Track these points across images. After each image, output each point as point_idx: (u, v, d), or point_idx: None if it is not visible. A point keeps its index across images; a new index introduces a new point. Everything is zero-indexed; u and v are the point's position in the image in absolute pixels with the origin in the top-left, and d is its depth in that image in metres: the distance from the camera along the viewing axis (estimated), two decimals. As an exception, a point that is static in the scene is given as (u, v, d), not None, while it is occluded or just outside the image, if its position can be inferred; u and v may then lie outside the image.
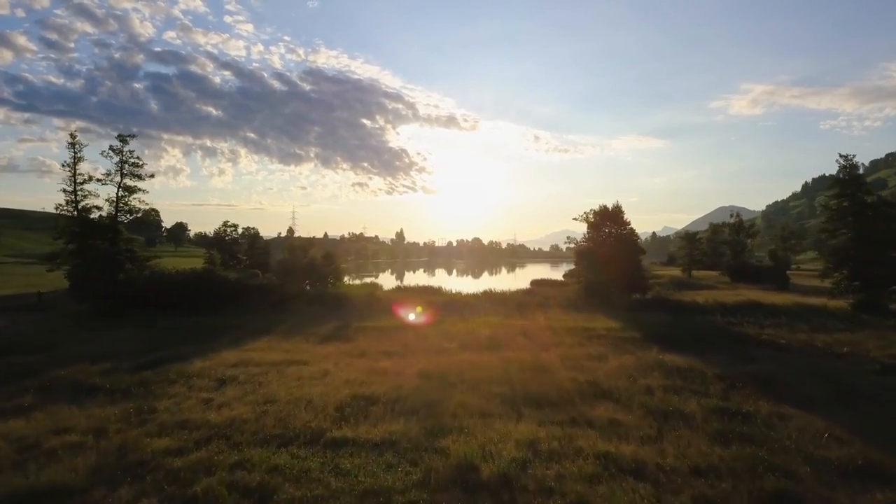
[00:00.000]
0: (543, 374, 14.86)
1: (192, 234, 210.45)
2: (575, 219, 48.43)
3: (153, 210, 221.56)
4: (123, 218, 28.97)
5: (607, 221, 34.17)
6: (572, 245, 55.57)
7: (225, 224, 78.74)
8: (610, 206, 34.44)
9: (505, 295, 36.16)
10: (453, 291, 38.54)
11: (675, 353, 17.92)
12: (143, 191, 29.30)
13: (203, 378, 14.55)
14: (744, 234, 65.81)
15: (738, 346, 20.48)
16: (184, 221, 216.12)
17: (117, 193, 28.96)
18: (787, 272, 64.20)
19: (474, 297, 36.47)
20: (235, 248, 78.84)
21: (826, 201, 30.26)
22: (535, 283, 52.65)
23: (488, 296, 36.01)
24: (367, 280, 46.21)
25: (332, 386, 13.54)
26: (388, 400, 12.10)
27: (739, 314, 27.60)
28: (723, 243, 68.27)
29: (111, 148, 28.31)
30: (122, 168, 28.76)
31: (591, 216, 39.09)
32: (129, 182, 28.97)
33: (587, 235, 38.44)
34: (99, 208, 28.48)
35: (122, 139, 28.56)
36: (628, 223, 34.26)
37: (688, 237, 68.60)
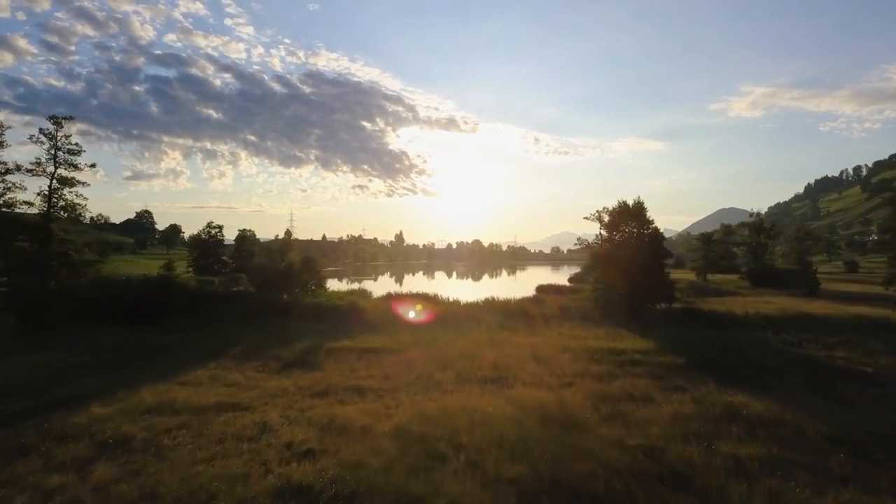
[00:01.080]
0: (575, 432, 10.32)
1: (186, 236, 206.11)
2: (586, 218, 43.74)
3: (146, 212, 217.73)
4: (58, 215, 24.37)
5: (628, 220, 29.61)
6: (580, 247, 51.08)
7: (209, 225, 74.20)
8: (630, 202, 29.92)
9: (509, 304, 31.62)
10: (450, 300, 33.97)
11: (741, 391, 13.46)
12: (82, 183, 24.71)
13: (80, 440, 10.02)
14: (764, 235, 61.10)
15: (813, 376, 15.96)
16: (178, 223, 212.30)
17: (50, 186, 24.36)
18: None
19: (475, 306, 31.91)
20: (221, 251, 74.40)
21: (893, 195, 25.75)
22: (540, 289, 48.00)
23: (490, 305, 31.47)
24: (359, 286, 41.53)
25: (261, 458, 9.03)
26: (335, 496, 7.57)
27: (793, 329, 23.08)
28: (740, 245, 63.52)
29: (42, 131, 23.71)
30: (55, 156, 24.18)
31: (607, 214, 34.66)
32: (63, 173, 24.37)
33: (603, 236, 33.89)
34: (30, 203, 23.89)
35: (56, 121, 23.97)
36: (651, 221, 29.73)
37: (703, 238, 63.78)
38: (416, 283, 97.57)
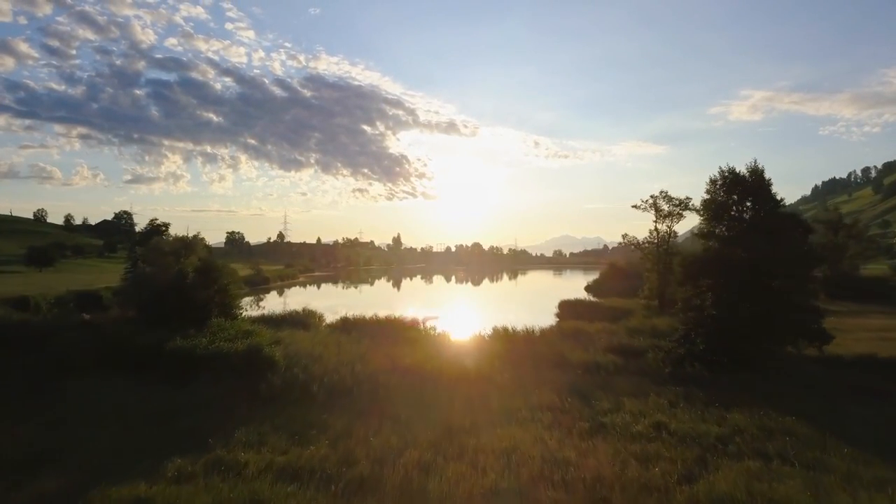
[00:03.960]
0: None
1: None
2: (635, 206, 31.63)
3: (124, 212, 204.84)
4: None
5: (739, 198, 17.06)
6: (625, 245, 38.84)
7: (152, 222, 61.67)
8: (744, 169, 17.43)
9: (532, 342, 19.22)
10: (437, 332, 21.55)
11: None
12: None
13: None
14: (843, 233, 48.85)
15: None
16: (160, 225, 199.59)
17: None
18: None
19: (477, 345, 19.53)
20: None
21: None
22: (565, 307, 35.20)
23: (501, 341, 19.08)
24: (305, 307, 28.95)
25: None
26: None
27: None
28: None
29: None
30: None
31: (665, 201, 22.41)
32: None
33: (664, 232, 21.68)
34: None
35: None
36: (781, 201, 17.41)
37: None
38: (409, 289, 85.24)
